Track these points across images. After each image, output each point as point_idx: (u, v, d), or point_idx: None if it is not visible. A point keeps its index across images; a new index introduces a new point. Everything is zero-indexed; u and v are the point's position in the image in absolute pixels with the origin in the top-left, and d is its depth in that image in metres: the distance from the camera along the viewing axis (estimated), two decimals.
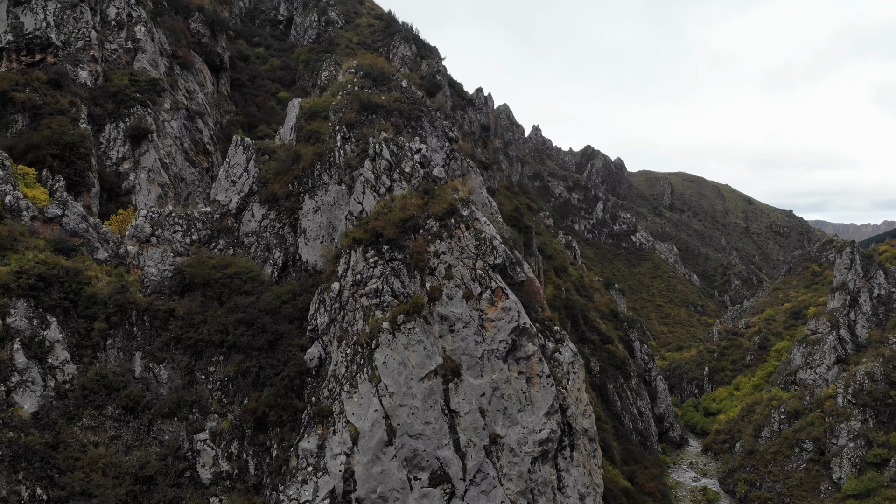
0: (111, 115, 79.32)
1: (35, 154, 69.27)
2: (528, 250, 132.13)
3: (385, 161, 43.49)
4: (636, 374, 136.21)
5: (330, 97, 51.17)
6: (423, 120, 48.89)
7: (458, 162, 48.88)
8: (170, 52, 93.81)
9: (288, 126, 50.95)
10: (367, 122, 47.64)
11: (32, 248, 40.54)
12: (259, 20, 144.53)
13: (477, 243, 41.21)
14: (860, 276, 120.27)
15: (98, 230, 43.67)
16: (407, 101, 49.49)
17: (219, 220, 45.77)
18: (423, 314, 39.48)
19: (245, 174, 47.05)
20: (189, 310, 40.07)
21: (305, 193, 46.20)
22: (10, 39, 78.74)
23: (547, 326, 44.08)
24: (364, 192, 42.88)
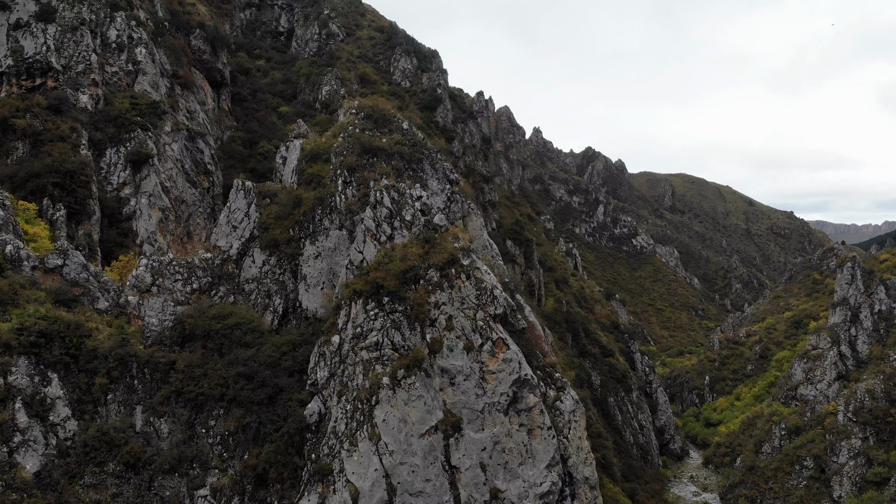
0: (112, 140, 79.31)
1: (36, 182, 69.39)
2: (528, 263, 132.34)
3: (386, 209, 43.49)
4: (637, 386, 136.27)
5: (331, 138, 51.14)
6: (423, 163, 48.84)
7: (459, 204, 48.82)
8: (171, 73, 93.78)
9: (289, 168, 50.94)
10: (368, 165, 47.60)
11: (33, 300, 40.55)
12: (260, 32, 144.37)
13: (478, 293, 41.21)
14: (861, 292, 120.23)
15: (99, 279, 43.68)
16: (408, 143, 49.45)
17: (219, 266, 45.79)
18: (424, 367, 39.51)
19: (246, 219, 47.06)
20: (190, 362, 40.11)
21: (306, 239, 46.19)
22: (11, 64, 78.82)
23: (548, 374, 44.10)
24: (365, 241, 42.89)
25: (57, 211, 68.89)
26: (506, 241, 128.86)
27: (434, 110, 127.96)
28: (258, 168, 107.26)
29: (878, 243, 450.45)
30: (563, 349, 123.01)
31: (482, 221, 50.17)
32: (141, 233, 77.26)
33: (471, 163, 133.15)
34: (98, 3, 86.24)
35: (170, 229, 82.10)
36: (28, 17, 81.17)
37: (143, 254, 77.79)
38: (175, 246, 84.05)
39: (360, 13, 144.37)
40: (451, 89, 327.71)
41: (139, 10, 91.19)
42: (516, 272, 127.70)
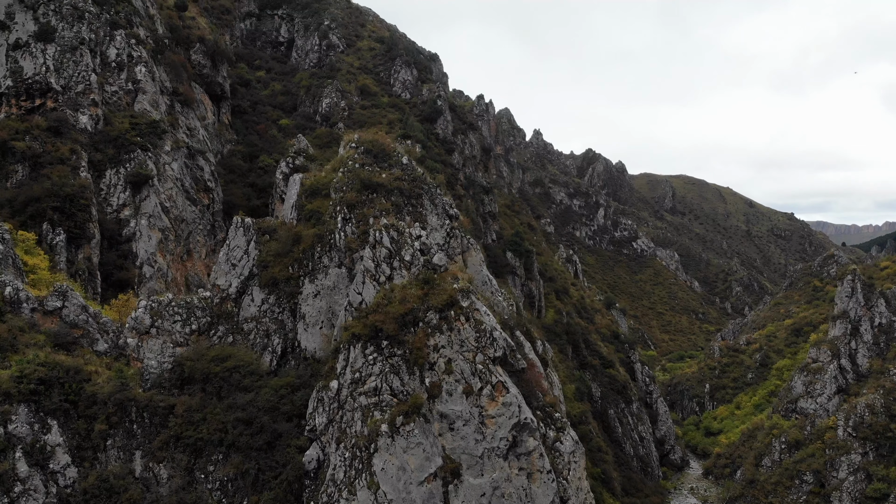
0: (112, 161, 79.34)
1: (35, 207, 69.45)
2: (528, 274, 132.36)
3: (385, 249, 43.48)
4: (637, 397, 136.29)
5: (331, 172, 51.10)
6: (423, 198, 48.82)
7: (459, 240, 48.79)
8: (171, 90, 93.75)
9: (289, 203, 50.95)
10: (368, 201, 47.58)
11: (33, 345, 40.57)
12: (260, 42, 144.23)
13: (477, 335, 41.19)
14: (861, 305, 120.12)
15: (98, 320, 43.68)
16: (407, 178, 49.43)
17: (218, 305, 45.78)
18: (423, 412, 39.50)
19: (245, 256, 47.06)
20: (189, 406, 40.12)
21: (305, 277, 46.18)
22: (10, 84, 78.82)
23: (548, 413, 44.12)
24: (364, 282, 42.87)
25: (57, 236, 69.05)
26: (506, 253, 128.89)
27: (434, 122, 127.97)
28: (258, 182, 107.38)
29: (878, 244, 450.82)
30: (564, 361, 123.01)
31: (482, 256, 50.15)
32: (141, 254, 77.27)
33: (471, 174, 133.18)
34: (98, 21, 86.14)
35: (169, 249, 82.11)
36: (27, 37, 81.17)
37: (144, 275, 78.05)
38: (175, 265, 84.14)
39: (360, 23, 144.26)
40: (452, 92, 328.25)
41: (139, 28, 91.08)
42: (516, 284, 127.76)
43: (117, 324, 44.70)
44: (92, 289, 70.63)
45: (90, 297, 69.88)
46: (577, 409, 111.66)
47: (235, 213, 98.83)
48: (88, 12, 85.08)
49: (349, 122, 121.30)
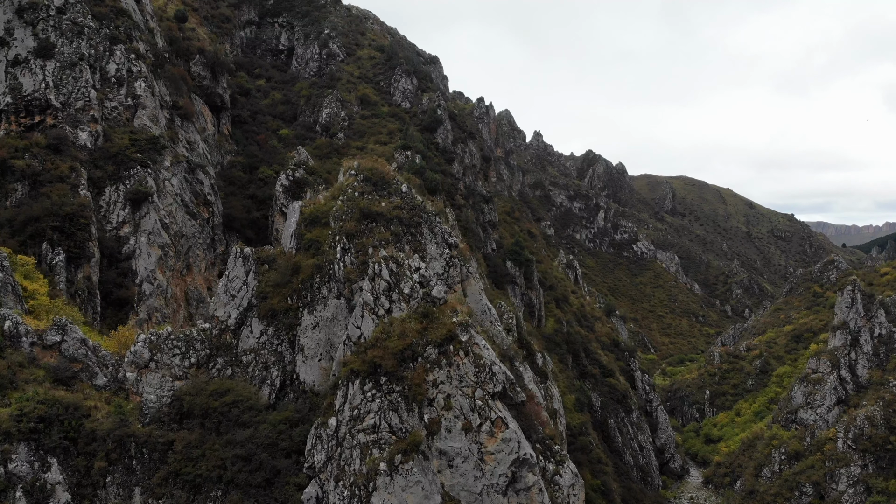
0: (111, 178, 79.20)
1: (35, 226, 69.31)
2: (528, 283, 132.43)
3: (384, 282, 43.47)
4: (637, 406, 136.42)
5: (331, 200, 51.08)
6: (422, 226, 48.79)
7: (458, 269, 48.76)
8: (170, 104, 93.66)
9: (288, 232, 50.94)
10: (367, 230, 47.55)
11: (32, 380, 40.57)
12: (260, 50, 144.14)
13: (476, 370, 41.19)
14: (861, 315, 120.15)
15: (97, 353, 43.67)
16: (407, 206, 49.38)
17: (217, 337, 45.76)
18: (422, 449, 39.51)
19: (244, 287, 47.04)
20: (188, 442, 40.12)
21: (304, 308, 46.15)
22: (9, 101, 78.62)
23: (547, 446, 44.14)
24: (363, 316, 42.85)
25: (56, 256, 69.00)
26: (506, 262, 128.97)
27: (434, 132, 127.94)
28: (258, 194, 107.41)
29: (878, 245, 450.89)
30: (564, 371, 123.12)
31: (481, 285, 50.14)
32: (140, 272, 77.23)
33: (471, 183, 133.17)
34: (97, 37, 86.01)
35: (169, 265, 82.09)
36: (27, 53, 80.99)
37: (143, 293, 77.95)
38: (174, 280, 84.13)
39: (360, 32, 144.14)
40: (452, 93, 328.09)
41: (139, 43, 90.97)
42: (516, 293, 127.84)
43: (116, 357, 44.69)
44: (91, 308, 70.68)
45: (90, 317, 70.02)
46: (577, 420, 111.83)
47: (235, 226, 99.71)
48: (88, 27, 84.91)
49: (349, 132, 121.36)
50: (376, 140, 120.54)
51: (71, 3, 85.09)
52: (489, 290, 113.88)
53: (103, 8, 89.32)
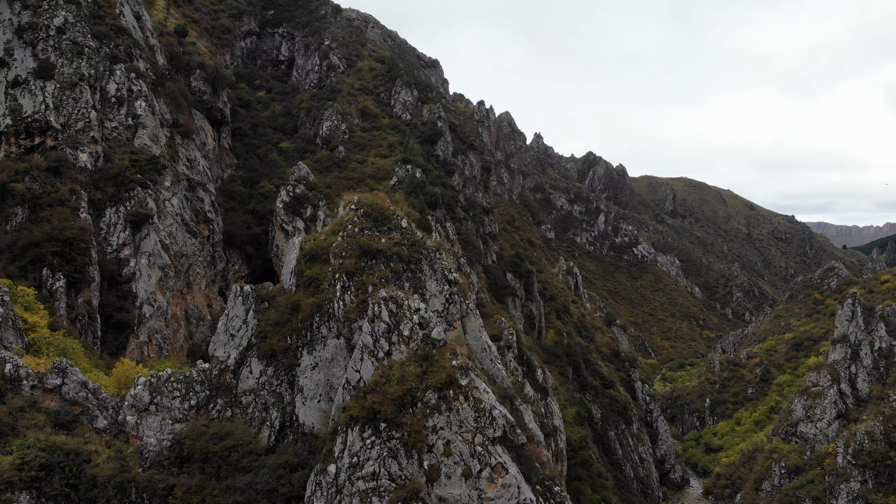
0: (111, 199, 79.20)
1: (35, 252, 69.36)
2: (529, 295, 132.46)
3: (384, 324, 43.48)
4: (637, 417, 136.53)
5: (331, 235, 51.04)
6: (422, 263, 48.83)
7: (458, 305, 48.80)
8: (171, 122, 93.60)
9: (288, 269, 50.91)
10: (367, 268, 47.59)
11: (33, 426, 40.62)
12: (261, 61, 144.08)
13: (476, 414, 41.22)
14: (861, 329, 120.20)
15: (97, 396, 43.70)
16: (407, 242, 49.41)
17: (217, 377, 45.81)
18: (421, 496, 39.56)
19: (244, 326, 47.08)
20: (188, 488, 40.18)
21: (303, 348, 46.18)
22: (9, 123, 78.58)
23: (547, 487, 44.15)
24: (362, 359, 42.88)
25: (57, 281, 69.11)
26: (506, 274, 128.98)
27: (434, 144, 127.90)
28: (258, 209, 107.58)
29: (879, 247, 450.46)
30: (564, 384, 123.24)
31: (481, 322, 50.16)
32: (140, 294, 77.30)
33: (471, 195, 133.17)
34: (97, 56, 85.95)
35: (169, 286, 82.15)
36: (26, 73, 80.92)
37: (144, 315, 77.94)
38: (175, 300, 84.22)
39: (360, 42, 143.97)
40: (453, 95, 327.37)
41: (139, 61, 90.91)
42: (517, 305, 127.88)
43: (116, 399, 44.74)
44: (92, 333, 70.81)
45: (90, 341, 70.16)
46: (577, 434, 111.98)
47: (236, 243, 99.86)
48: (88, 47, 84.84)
49: (349, 144, 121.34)
50: (377, 153, 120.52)
51: (71, 22, 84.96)
52: (490, 303, 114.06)
53: (103, 27, 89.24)
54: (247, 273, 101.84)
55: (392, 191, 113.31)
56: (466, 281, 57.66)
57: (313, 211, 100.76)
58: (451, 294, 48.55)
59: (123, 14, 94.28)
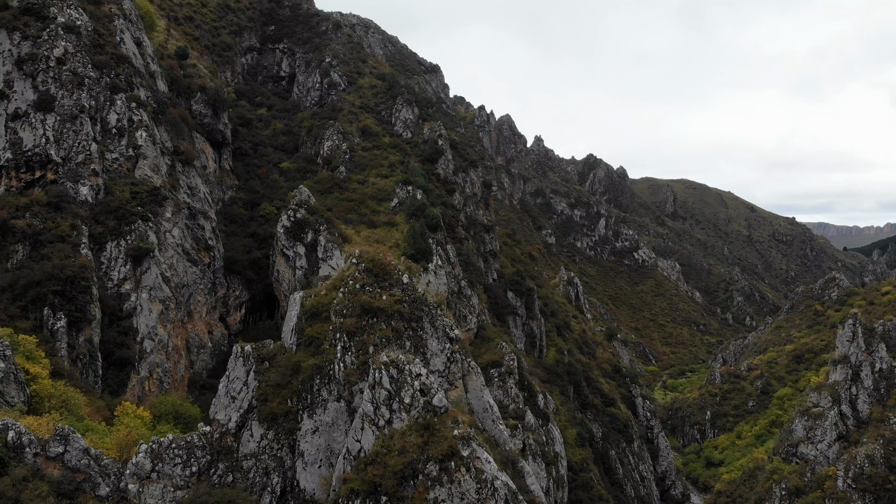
0: (112, 233, 79.05)
1: (36, 291, 69.25)
2: (530, 313, 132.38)
3: (385, 391, 43.46)
4: (638, 435, 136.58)
5: (332, 291, 51.02)
6: (423, 320, 48.78)
7: (459, 364, 48.79)
8: (171, 150, 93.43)
9: (288, 326, 50.84)
10: (368, 327, 47.57)
11: (37, 496, 40.59)
12: (261, 77, 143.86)
13: (478, 486, 41.22)
14: (862, 350, 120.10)
15: (99, 463, 43.69)
16: (408, 300, 49.35)
17: (218, 440, 45.81)
18: None
19: (245, 388, 47.06)
20: None
21: (304, 411, 46.17)
22: (10, 157, 78.44)
23: None
24: (363, 428, 42.87)
25: (58, 321, 69.08)
26: (507, 293, 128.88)
27: (435, 162, 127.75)
28: (259, 232, 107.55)
29: (880, 248, 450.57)
30: (565, 404, 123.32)
31: (482, 381, 50.12)
32: (142, 329, 77.23)
33: (471, 213, 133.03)
34: (98, 86, 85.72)
35: (170, 318, 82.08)
36: (27, 106, 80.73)
37: (144, 350, 77.90)
38: (175, 331, 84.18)
39: (361, 59, 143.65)
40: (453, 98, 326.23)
41: (139, 90, 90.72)
42: (517, 324, 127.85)
43: (118, 464, 44.73)
44: (93, 372, 70.77)
45: (91, 381, 70.13)
46: (578, 457, 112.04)
47: (236, 269, 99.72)
48: (88, 78, 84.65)
49: (350, 164, 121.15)
50: (377, 173, 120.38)
51: (71, 52, 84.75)
52: (490, 326, 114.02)
53: (104, 56, 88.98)
54: (247, 298, 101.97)
55: (393, 212, 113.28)
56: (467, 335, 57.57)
57: (314, 236, 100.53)
58: (452, 353, 48.55)
59: (124, 41, 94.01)
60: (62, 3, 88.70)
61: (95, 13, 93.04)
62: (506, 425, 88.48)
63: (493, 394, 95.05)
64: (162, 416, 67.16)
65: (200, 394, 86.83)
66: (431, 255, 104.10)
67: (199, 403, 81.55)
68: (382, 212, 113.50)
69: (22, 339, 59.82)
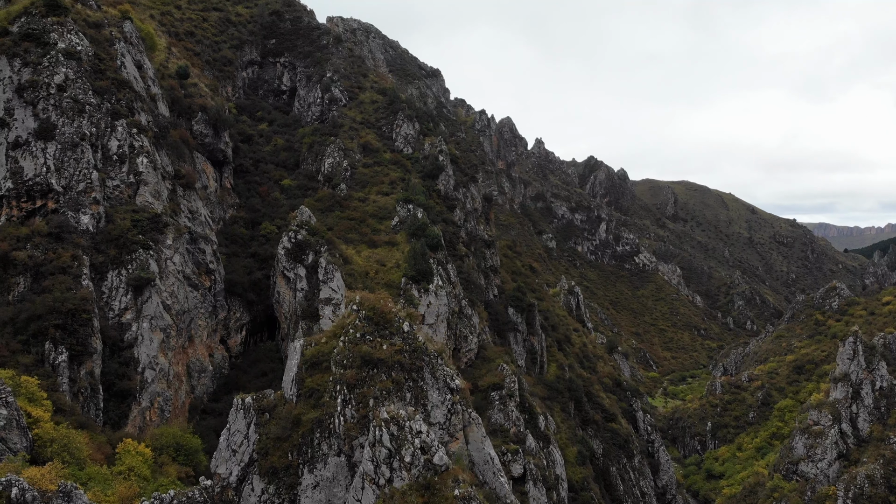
0: (113, 262, 79.04)
1: (38, 325, 69.25)
2: (530, 329, 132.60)
3: (385, 449, 43.49)
4: (639, 450, 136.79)
5: (332, 339, 51.04)
6: (424, 371, 48.83)
7: (460, 415, 48.85)
8: (172, 174, 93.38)
9: (289, 377, 50.88)
10: (369, 378, 47.61)
11: None
12: (262, 91, 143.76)
13: None
14: (863, 368, 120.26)
15: None
16: (408, 349, 49.39)
17: (220, 495, 45.85)
18: None
19: (245, 441, 47.16)
20: None
21: (304, 465, 46.25)
22: (10, 186, 78.32)
23: None
24: (363, 487, 42.94)
25: (59, 355, 69.12)
26: (507, 309, 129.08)
27: (436, 178, 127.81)
28: (260, 252, 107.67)
29: (880, 249, 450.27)
30: (566, 421, 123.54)
31: (483, 431, 50.16)
32: (143, 359, 77.36)
33: (472, 228, 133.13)
34: (98, 113, 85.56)
35: (171, 346, 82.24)
36: (27, 134, 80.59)
37: (146, 380, 78.01)
38: (176, 357, 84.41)
39: (362, 73, 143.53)
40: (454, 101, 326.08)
41: (140, 114, 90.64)
42: (518, 341, 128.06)
43: None
44: (94, 405, 70.90)
45: (93, 414, 70.28)
46: (578, 475, 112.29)
47: (237, 291, 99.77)
48: (89, 104, 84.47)
49: (351, 181, 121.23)
50: (378, 190, 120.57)
51: (72, 79, 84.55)
52: (491, 346, 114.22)
53: (104, 81, 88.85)
54: (248, 320, 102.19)
55: (394, 231, 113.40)
56: (468, 385, 57.65)
57: (315, 258, 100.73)
58: (453, 404, 48.60)
59: (125, 65, 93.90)
60: (62, 28, 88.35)
61: (96, 37, 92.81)
62: (507, 449, 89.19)
63: (494, 418, 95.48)
64: (163, 449, 67.47)
65: (201, 418, 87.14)
66: (432, 276, 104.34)
67: (200, 430, 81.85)
68: (383, 230, 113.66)
69: (24, 381, 59.86)
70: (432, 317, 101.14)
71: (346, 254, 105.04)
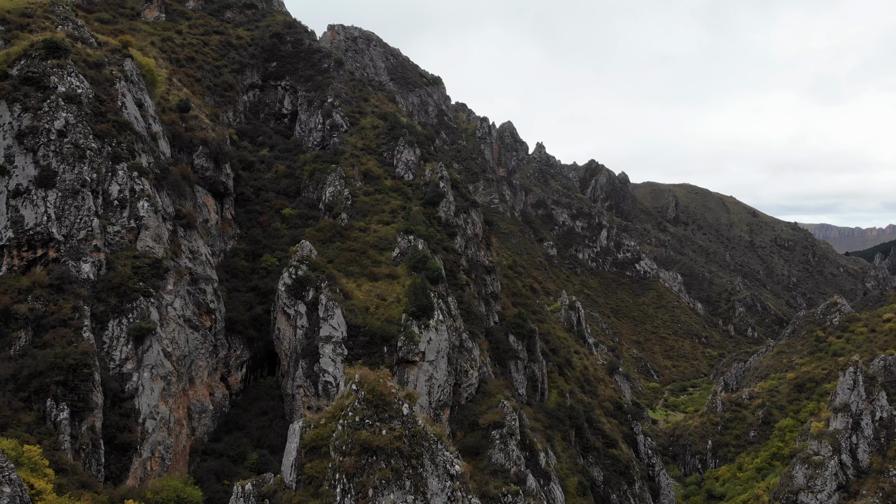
0: (114, 311, 79.05)
1: (39, 381, 69.37)
2: (531, 356, 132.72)
3: None
4: (640, 476, 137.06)
5: (332, 421, 51.12)
6: (423, 457, 48.94)
7: (460, 503, 49.03)
8: (173, 215, 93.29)
9: (288, 461, 50.99)
10: (368, 467, 47.73)
11: None
12: (263, 115, 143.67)
13: None
14: (863, 398, 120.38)
15: None
16: (408, 434, 49.50)
17: None
18: None
19: None
20: None
21: None
22: (11, 236, 78.24)
23: None
24: None
25: (61, 412, 69.26)
26: (508, 336, 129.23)
27: (437, 205, 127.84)
28: (260, 286, 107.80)
29: (882, 252, 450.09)
30: (567, 450, 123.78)
31: None
32: (143, 410, 77.50)
33: (473, 255, 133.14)
34: (99, 157, 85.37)
35: (172, 392, 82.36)
36: (28, 182, 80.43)
37: (147, 431, 78.16)
38: (177, 402, 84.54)
39: (363, 98, 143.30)
40: (455, 104, 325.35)
41: (141, 156, 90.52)
42: (519, 369, 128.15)
43: None
44: (96, 461, 71.07)
45: (94, 470, 70.47)
46: None
47: (238, 328, 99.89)
48: (90, 149, 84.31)
49: (352, 211, 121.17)
50: (379, 220, 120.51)
51: (72, 123, 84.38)
52: (492, 379, 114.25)
53: (105, 124, 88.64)
54: (248, 357, 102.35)
55: (394, 263, 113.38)
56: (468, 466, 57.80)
57: (315, 294, 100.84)
58: (453, 491, 48.74)
59: (125, 105, 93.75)
60: (62, 70, 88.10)
61: (96, 77, 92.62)
62: (507, 490, 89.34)
63: (495, 458, 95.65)
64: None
65: (202, 460, 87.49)
66: (433, 311, 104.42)
67: (201, 474, 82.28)
68: (384, 262, 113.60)
69: (27, 451, 60.08)
70: (433, 353, 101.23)
71: (347, 288, 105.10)
